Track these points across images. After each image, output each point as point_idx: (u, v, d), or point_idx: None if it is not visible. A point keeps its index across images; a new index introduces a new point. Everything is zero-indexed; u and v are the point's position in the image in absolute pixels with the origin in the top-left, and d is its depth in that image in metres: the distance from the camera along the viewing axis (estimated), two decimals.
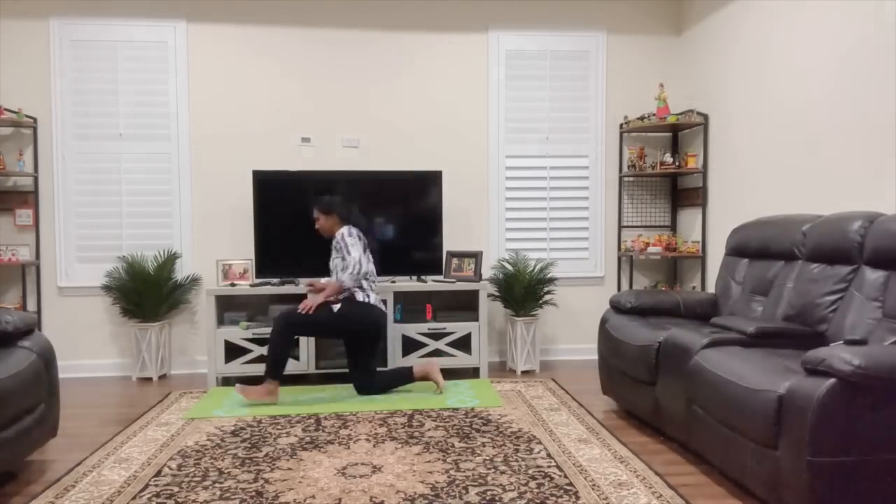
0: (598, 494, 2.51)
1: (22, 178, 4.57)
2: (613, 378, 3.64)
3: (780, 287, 3.28)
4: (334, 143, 4.87)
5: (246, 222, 4.76)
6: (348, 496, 2.51)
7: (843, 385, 2.05)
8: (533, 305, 4.67)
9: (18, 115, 4.41)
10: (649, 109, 4.93)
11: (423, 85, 4.93)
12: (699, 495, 2.55)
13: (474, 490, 2.55)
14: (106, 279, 4.58)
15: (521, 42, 4.98)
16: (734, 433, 2.46)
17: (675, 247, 4.82)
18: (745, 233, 3.72)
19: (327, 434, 3.24)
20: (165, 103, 4.71)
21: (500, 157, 5.00)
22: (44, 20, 4.59)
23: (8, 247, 4.49)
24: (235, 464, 2.86)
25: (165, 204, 4.73)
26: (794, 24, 3.71)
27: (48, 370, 2.92)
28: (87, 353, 4.69)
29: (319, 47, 4.83)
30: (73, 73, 4.62)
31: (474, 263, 4.57)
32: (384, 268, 4.60)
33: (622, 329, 3.54)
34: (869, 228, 2.84)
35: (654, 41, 5.09)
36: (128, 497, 2.54)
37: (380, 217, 4.63)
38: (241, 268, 4.50)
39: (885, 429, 2.07)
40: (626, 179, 5.10)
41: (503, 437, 3.18)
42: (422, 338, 4.40)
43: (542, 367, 4.79)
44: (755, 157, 4.09)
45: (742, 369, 2.49)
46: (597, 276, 5.10)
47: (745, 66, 4.20)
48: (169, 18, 4.69)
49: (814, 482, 2.07)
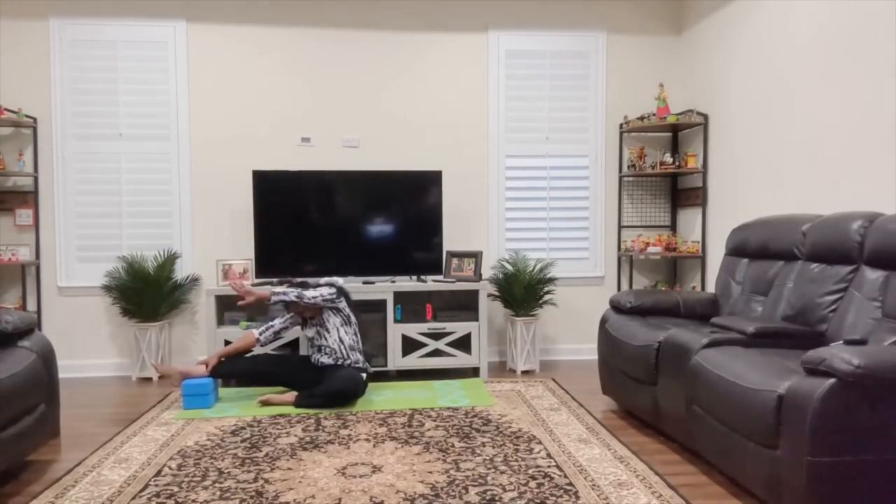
0: (598, 494, 2.52)
1: (22, 178, 4.57)
2: (613, 378, 3.64)
3: (780, 287, 3.28)
4: (334, 143, 4.87)
5: (246, 222, 4.76)
6: (348, 496, 2.51)
7: (843, 385, 2.05)
8: (533, 305, 4.67)
9: (18, 115, 4.41)
10: (649, 109, 4.93)
11: (423, 85, 4.93)
12: (699, 495, 2.55)
13: (474, 490, 2.55)
14: (106, 279, 4.58)
15: (521, 42, 4.98)
16: (734, 433, 2.46)
17: (675, 247, 4.82)
18: (744, 233, 3.72)
19: (327, 434, 3.24)
20: (165, 103, 4.71)
21: (500, 157, 5.00)
22: (43, 20, 4.59)
23: (8, 247, 4.49)
24: (235, 464, 2.86)
25: (165, 204, 4.73)
26: (795, 23, 3.71)
27: (48, 370, 2.93)
28: (87, 353, 4.69)
29: (319, 47, 4.83)
30: (73, 73, 4.62)
31: (474, 263, 4.57)
32: (384, 268, 4.62)
33: (622, 329, 3.54)
34: (869, 228, 2.84)
35: (654, 41, 5.09)
36: (128, 497, 2.54)
37: (380, 217, 4.63)
38: (241, 268, 4.50)
39: (885, 429, 2.07)
40: (625, 179, 5.10)
41: (503, 437, 3.18)
42: (422, 338, 4.40)
43: (542, 367, 4.79)
44: (755, 157, 4.09)
45: (742, 369, 2.49)
46: (597, 276, 5.10)
47: (745, 65, 4.20)
48: (169, 18, 4.69)
49: (813, 482, 2.07)
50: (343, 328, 3.91)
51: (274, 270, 4.52)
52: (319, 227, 4.57)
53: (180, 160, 4.73)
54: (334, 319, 3.91)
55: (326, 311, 3.92)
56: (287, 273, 4.51)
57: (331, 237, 4.57)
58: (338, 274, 4.47)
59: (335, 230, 4.59)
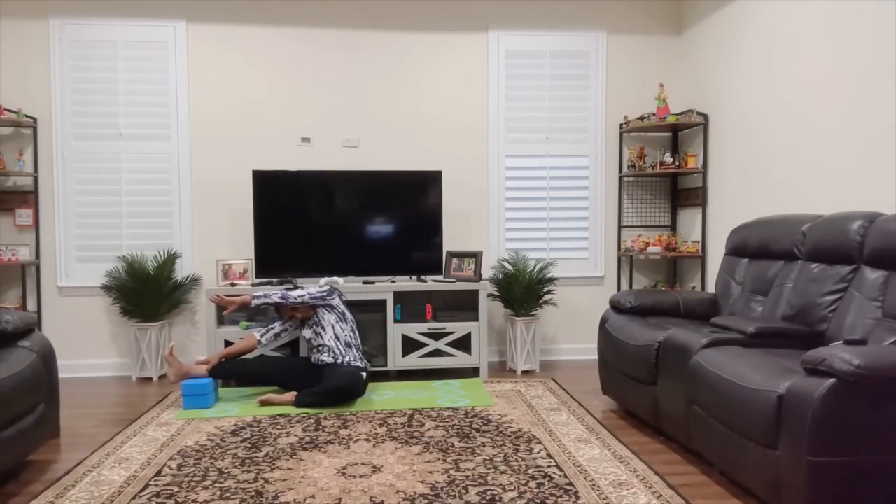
0: (598, 494, 2.51)
1: (22, 178, 4.57)
2: (613, 378, 3.64)
3: (780, 287, 3.28)
4: (334, 143, 4.87)
5: (246, 222, 4.76)
6: (348, 496, 2.51)
7: (843, 385, 2.05)
8: (533, 305, 4.67)
9: (18, 115, 4.41)
10: (649, 109, 4.93)
11: (424, 85, 4.93)
12: (699, 495, 2.55)
13: (474, 490, 2.55)
14: (106, 279, 4.58)
15: (521, 42, 4.98)
16: (734, 433, 2.46)
17: (675, 247, 4.82)
18: (745, 233, 3.72)
19: (327, 434, 3.24)
20: (165, 103, 4.71)
21: (500, 157, 5.00)
22: (44, 20, 4.59)
23: (8, 247, 4.49)
24: (235, 464, 2.86)
25: (165, 204, 4.73)
26: (795, 23, 3.71)
27: (48, 370, 2.93)
28: (87, 353, 4.69)
29: (319, 47, 4.83)
30: (73, 73, 4.62)
31: (474, 263, 4.57)
32: (384, 268, 4.61)
33: (622, 329, 3.54)
34: (869, 228, 2.84)
35: (654, 41, 5.09)
36: (128, 497, 2.54)
37: (380, 217, 4.63)
38: (241, 268, 4.50)
39: (885, 429, 2.07)
40: (626, 179, 5.10)
41: (503, 437, 3.18)
42: (421, 338, 4.40)
43: (542, 367, 4.79)
44: (755, 157, 4.09)
45: (742, 369, 2.49)
46: (597, 275, 5.10)
47: (745, 65, 4.20)
48: (169, 18, 4.69)
49: (813, 482, 2.07)
50: (339, 325, 3.92)
51: (274, 270, 4.52)
52: (319, 227, 4.57)
53: (180, 160, 4.73)
54: (329, 317, 3.92)
55: (321, 310, 3.93)
56: (287, 273, 4.52)
57: (331, 237, 4.57)
58: (338, 274, 4.48)
59: (335, 230, 4.58)
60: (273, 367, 4.01)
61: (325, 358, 3.88)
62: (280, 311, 4.02)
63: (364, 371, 3.93)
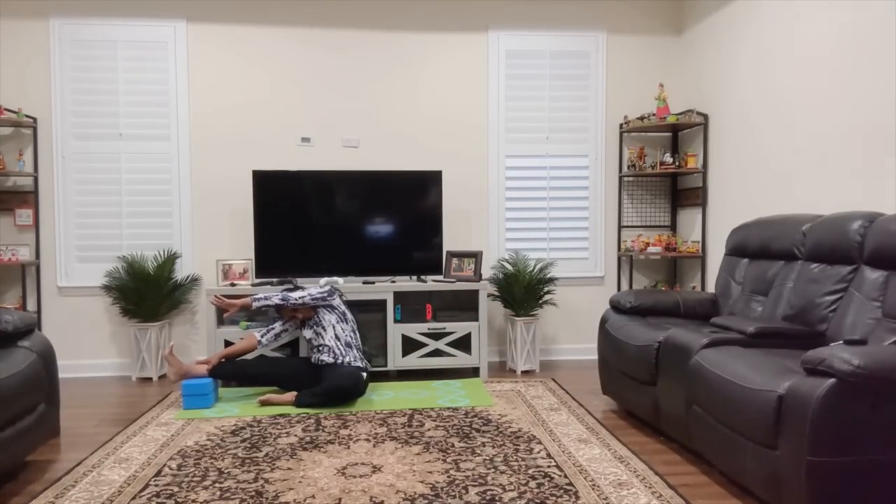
0: (598, 494, 2.51)
1: (22, 178, 4.57)
2: (613, 378, 3.64)
3: (780, 287, 3.28)
4: (334, 143, 4.87)
5: (246, 222, 4.76)
6: (348, 496, 2.51)
7: (843, 385, 2.05)
8: (533, 305, 4.67)
9: (18, 115, 4.41)
10: (649, 109, 4.93)
11: (424, 85, 4.93)
12: (699, 495, 2.55)
13: (474, 490, 2.55)
14: (106, 279, 4.58)
15: (521, 42, 4.98)
16: (734, 433, 2.46)
17: (675, 247, 4.82)
18: (745, 233, 3.72)
19: (327, 434, 3.24)
20: (165, 103, 4.71)
21: (500, 157, 5.00)
22: (44, 20, 4.59)
23: (8, 247, 4.49)
24: (235, 464, 2.86)
25: (165, 204, 4.73)
26: (795, 23, 3.71)
27: (48, 370, 2.92)
28: (87, 353, 4.69)
29: (320, 47, 4.83)
30: (73, 73, 4.62)
31: (474, 263, 4.57)
32: (384, 268, 4.61)
33: (622, 329, 3.54)
34: (869, 228, 2.84)
35: (654, 41, 5.09)
36: (128, 497, 2.54)
37: (380, 217, 4.63)
38: (241, 268, 4.50)
39: (884, 429, 2.07)
40: (625, 179, 5.10)
41: (503, 437, 3.18)
42: (421, 338, 4.40)
43: (542, 367, 4.79)
44: (755, 157, 4.09)
45: (742, 369, 2.49)
46: (597, 275, 5.10)
47: (745, 65, 4.20)
48: (169, 18, 4.69)
49: (813, 482, 2.07)
50: (339, 325, 3.92)
51: (274, 270, 4.52)
52: (319, 227, 4.57)
53: (180, 160, 4.73)
54: (329, 317, 3.92)
55: (321, 310, 3.93)
56: (287, 273, 4.52)
57: (331, 237, 4.57)
58: (338, 274, 4.48)
59: (335, 230, 4.58)
60: (273, 367, 4.01)
61: (326, 358, 3.89)
62: (281, 311, 4.03)
63: (364, 371, 3.93)
